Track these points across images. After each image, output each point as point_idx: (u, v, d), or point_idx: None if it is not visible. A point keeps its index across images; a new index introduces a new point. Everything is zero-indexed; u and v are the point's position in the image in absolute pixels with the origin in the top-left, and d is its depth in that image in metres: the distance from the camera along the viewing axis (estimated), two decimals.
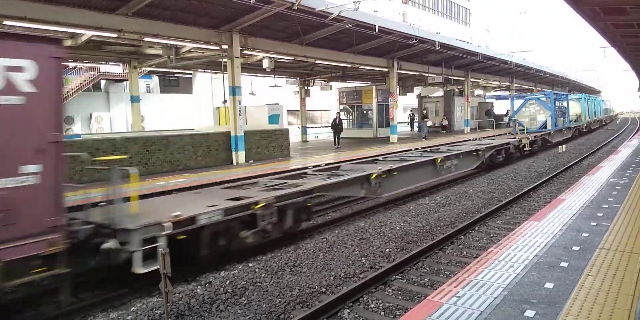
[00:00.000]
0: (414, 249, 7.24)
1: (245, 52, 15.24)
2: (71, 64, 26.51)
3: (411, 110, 37.16)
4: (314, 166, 11.92)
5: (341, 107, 28.69)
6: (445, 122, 30.91)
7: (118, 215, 5.53)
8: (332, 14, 13.48)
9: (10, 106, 4.33)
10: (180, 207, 6.33)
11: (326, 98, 33.08)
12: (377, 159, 12.52)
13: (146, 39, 12.99)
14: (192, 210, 6.17)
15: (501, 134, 21.83)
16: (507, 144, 17.19)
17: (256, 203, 6.82)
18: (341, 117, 22.75)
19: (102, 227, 5.51)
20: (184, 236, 5.88)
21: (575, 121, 30.31)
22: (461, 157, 13.29)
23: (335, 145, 20.80)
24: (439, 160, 11.88)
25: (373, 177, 9.40)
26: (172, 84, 36.86)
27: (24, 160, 4.39)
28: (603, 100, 52.00)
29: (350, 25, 14.90)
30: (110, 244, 5.30)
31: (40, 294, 5.64)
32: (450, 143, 18.68)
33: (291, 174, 10.17)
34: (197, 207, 6.37)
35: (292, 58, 17.72)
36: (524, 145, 18.86)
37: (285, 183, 8.72)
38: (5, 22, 10.28)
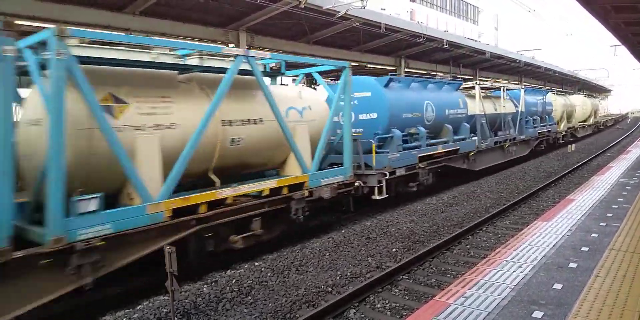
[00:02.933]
0: (421, 249, 7.20)
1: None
2: None
3: None
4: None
5: None
6: None
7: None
8: (339, 12, 13.44)
9: None
10: None
11: None
12: None
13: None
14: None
15: None
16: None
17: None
18: None
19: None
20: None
21: None
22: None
23: None
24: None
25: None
26: None
27: None
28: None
29: (358, 24, 14.86)
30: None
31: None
32: None
33: None
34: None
35: None
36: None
37: None
38: (14, 22, 10.35)
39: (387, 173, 9.73)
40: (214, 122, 6.23)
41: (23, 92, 5.61)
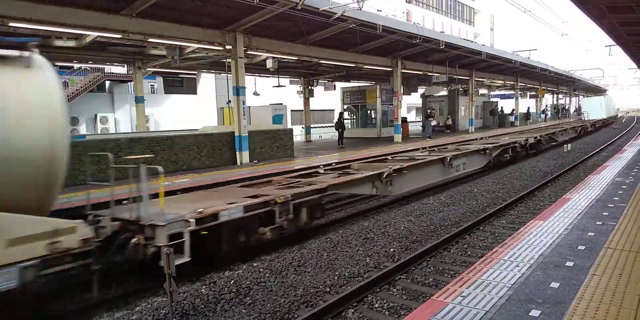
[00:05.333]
0: (419, 248, 7.22)
1: (249, 52, 15.24)
2: (76, 65, 26.69)
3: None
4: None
5: (345, 106, 28.66)
6: (449, 122, 30.85)
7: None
8: (335, 13, 13.46)
9: None
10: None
11: (330, 98, 33.09)
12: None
13: (150, 40, 13.01)
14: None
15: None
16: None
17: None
18: (343, 117, 22.85)
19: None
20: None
21: None
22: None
23: (339, 145, 20.79)
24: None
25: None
26: (176, 85, 36.95)
27: None
28: None
29: (354, 25, 14.88)
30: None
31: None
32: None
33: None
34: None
35: (296, 58, 17.71)
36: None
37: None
38: (11, 24, 10.34)
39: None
40: None
41: None
